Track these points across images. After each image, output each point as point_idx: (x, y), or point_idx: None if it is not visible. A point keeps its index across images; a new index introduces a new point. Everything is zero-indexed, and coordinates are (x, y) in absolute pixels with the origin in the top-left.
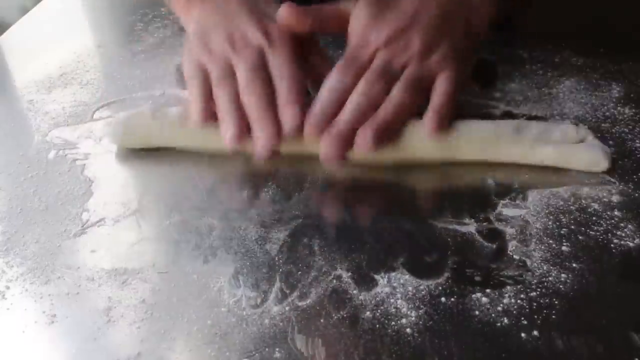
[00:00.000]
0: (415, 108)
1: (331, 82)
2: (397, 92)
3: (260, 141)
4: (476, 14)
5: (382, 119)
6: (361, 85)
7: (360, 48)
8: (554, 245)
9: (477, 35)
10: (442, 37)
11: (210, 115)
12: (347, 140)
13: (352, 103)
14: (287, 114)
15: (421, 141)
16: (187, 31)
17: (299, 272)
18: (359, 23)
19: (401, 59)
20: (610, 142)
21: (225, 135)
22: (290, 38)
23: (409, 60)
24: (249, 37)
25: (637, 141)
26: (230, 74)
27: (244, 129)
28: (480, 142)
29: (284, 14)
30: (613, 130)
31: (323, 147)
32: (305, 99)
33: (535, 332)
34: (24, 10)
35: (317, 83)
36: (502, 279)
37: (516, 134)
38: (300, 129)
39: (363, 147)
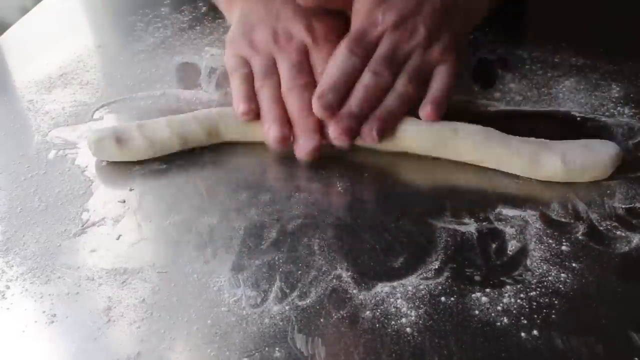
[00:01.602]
0: (416, 99)
1: (340, 62)
2: (402, 83)
3: (300, 145)
4: (473, 7)
5: (387, 111)
6: (369, 73)
7: (367, 28)
8: (553, 245)
9: (473, 26)
10: (443, 27)
11: (254, 112)
12: (356, 125)
13: (360, 90)
14: (331, 123)
15: (417, 134)
16: (231, 23)
17: (299, 272)
18: (365, 2)
19: (406, 46)
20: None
21: (267, 137)
22: (334, 35)
23: (413, 49)
24: (293, 34)
25: (637, 140)
26: (273, 70)
27: (287, 130)
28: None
29: None
30: (613, 131)
31: (333, 129)
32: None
33: (535, 332)
34: (24, 10)
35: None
36: (501, 278)
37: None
38: (343, 137)
39: (368, 139)
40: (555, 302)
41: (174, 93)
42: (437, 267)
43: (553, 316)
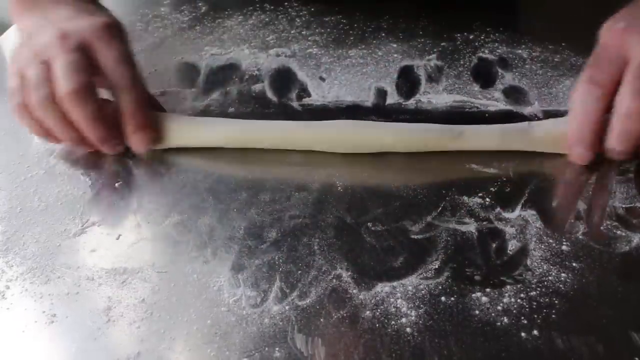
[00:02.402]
0: None
1: (580, 99)
2: None
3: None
4: None
5: None
6: (628, 98)
7: (610, 48)
8: (553, 245)
9: None
10: None
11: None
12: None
13: (621, 126)
14: (137, 138)
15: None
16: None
17: (299, 272)
18: (612, 28)
19: None
20: None
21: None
22: (121, 34)
23: None
24: (74, 31)
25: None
26: (46, 76)
27: (77, 144)
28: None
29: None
30: None
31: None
32: (148, 113)
33: (535, 332)
34: None
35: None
36: (502, 278)
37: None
38: (149, 146)
39: None
40: (556, 301)
41: (174, 92)
42: (437, 266)
43: (553, 316)
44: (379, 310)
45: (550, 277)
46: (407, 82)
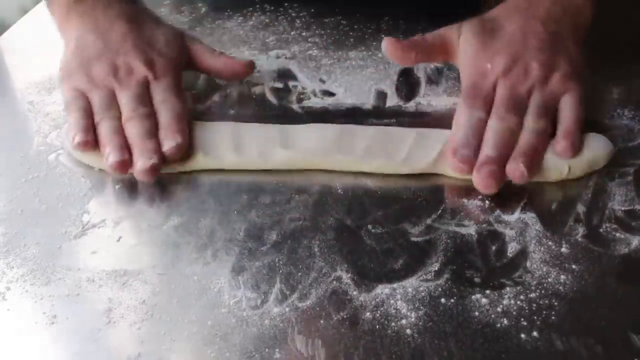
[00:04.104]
0: (549, 132)
1: (464, 120)
2: (531, 120)
3: (139, 165)
4: (579, 19)
5: (527, 150)
6: (495, 120)
7: (479, 78)
8: (553, 247)
9: (583, 40)
10: (557, 55)
11: (92, 143)
12: (498, 168)
13: (491, 135)
14: (167, 140)
15: None
16: (66, 48)
17: (299, 274)
18: (469, 52)
19: (524, 86)
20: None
21: (106, 163)
22: (173, 69)
23: (532, 86)
24: (134, 69)
25: (636, 142)
26: (112, 103)
27: (126, 155)
28: None
29: (389, 48)
30: (612, 133)
31: (476, 179)
32: (186, 129)
33: (535, 333)
34: (24, 10)
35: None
36: (501, 280)
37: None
38: (179, 150)
39: (517, 174)
40: (555, 303)
41: None
42: (437, 268)
43: (553, 317)
44: (379, 311)
45: (549, 279)
46: (407, 84)
